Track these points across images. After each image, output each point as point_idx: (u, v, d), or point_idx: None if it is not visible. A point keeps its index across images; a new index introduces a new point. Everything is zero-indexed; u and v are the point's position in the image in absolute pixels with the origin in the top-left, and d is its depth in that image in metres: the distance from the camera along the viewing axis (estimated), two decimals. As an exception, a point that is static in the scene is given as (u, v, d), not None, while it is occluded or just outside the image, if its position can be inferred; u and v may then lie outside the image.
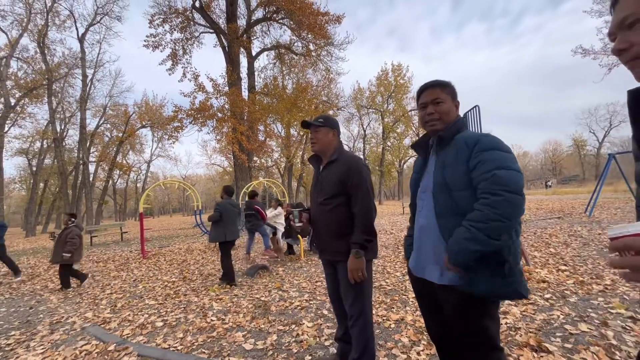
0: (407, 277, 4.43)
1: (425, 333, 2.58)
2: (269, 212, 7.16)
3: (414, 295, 3.53)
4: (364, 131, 40.99)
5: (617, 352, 2.01)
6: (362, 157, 28.67)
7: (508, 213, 1.06)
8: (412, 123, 42.47)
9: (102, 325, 3.46)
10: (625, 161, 11.43)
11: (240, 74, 17.11)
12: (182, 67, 16.59)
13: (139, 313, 3.76)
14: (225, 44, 16.54)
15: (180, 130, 15.75)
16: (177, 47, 16.77)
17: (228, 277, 4.84)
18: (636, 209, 0.79)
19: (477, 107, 5.34)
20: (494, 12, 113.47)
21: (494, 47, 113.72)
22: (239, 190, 13.93)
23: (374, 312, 3.15)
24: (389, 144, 41.52)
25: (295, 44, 19.23)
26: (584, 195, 19.52)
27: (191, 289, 4.75)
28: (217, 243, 5.14)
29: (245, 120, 16.19)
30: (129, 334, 3.15)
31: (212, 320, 3.33)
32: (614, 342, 2.15)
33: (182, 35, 16.84)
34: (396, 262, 5.51)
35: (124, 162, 36.13)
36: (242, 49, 17.12)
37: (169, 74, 16.71)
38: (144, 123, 31.64)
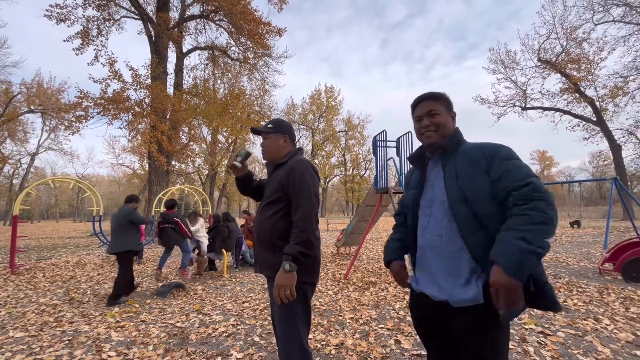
0: (339, 297, 4.31)
1: (370, 358, 2.44)
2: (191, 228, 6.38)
3: (350, 317, 3.42)
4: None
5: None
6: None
7: (553, 215, 1.00)
8: (340, 144, 44.67)
9: None
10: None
11: (167, 69, 15.59)
12: (94, 49, 14.34)
13: (-3, 351, 2.78)
14: (153, 33, 14.94)
15: (83, 121, 13.38)
16: (90, 26, 14.49)
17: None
18: None
19: (409, 133, 5.74)
20: (413, 58, 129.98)
21: (411, 87, 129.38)
22: (153, 196, 12.34)
23: (310, 336, 2.91)
24: (316, 161, 42.67)
25: (232, 48, 18.52)
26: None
27: (80, 314, 3.79)
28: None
29: (168, 119, 14.67)
30: (-24, 383, 2.26)
31: (109, 356, 2.62)
32: (536, 358, 2.34)
33: (99, 13, 14.65)
34: (327, 280, 5.39)
35: (-3, 151, 29.11)
36: (171, 43, 15.67)
37: (76, 54, 14.29)
38: (32, 107, 26.24)
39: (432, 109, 1.27)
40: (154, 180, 14.03)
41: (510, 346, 2.54)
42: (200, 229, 6.49)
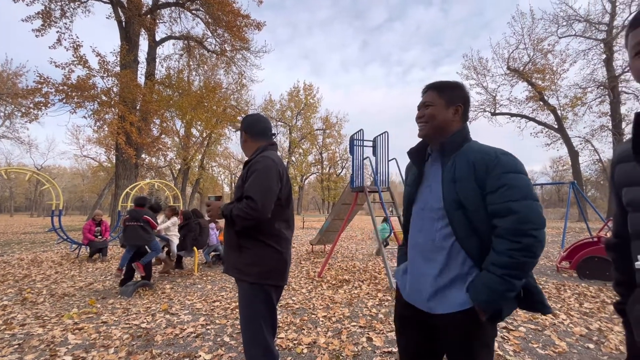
0: (313, 295, 4.30)
1: (342, 356, 2.44)
2: (162, 223, 6.09)
3: (324, 315, 3.40)
4: (271, 143, 41.30)
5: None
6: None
7: (539, 252, 1.00)
8: (317, 142, 44.68)
9: None
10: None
11: (138, 58, 14.83)
12: (57, 32, 13.37)
13: None
14: (123, 18, 14.14)
15: (43, 108, 12.45)
16: (52, 6, 13.45)
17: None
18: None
19: (386, 133, 5.82)
20: (392, 61, 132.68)
21: (389, 88, 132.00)
22: (120, 191, 11.74)
23: (282, 335, 2.87)
24: (293, 158, 42.44)
25: (209, 40, 17.92)
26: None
27: (34, 316, 3.52)
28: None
29: (138, 110, 13.97)
30: None
31: (65, 360, 2.45)
32: (499, 352, 2.44)
33: (63, -7, 13.64)
34: (300, 278, 5.36)
35: (-58, 138, 26.54)
36: (143, 30, 14.91)
37: (37, 36, 13.24)
38: (-15, 91, 24.05)
39: (427, 100, 1.23)
40: (122, 173, 13.34)
41: (476, 342, 2.63)
42: (171, 227, 6.23)
